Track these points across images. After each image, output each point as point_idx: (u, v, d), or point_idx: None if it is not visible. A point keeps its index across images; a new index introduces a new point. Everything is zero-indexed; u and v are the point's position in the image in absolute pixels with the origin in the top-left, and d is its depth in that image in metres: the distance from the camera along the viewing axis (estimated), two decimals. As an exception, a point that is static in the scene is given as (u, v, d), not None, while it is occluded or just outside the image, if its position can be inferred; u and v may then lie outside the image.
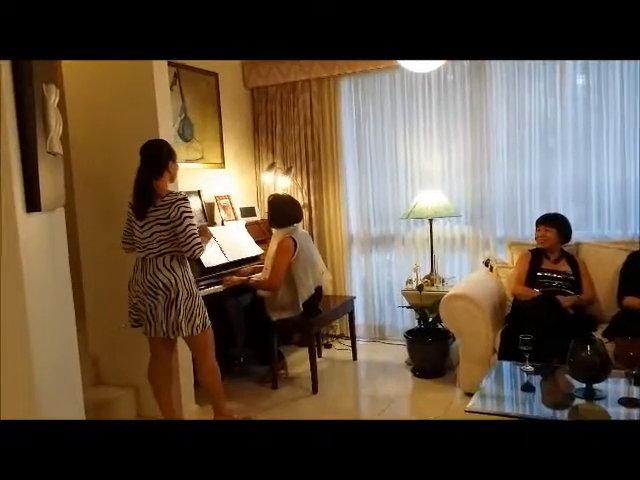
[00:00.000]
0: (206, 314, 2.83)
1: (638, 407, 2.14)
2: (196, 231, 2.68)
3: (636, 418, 2.12)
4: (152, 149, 2.76)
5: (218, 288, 3.62)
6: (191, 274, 2.82)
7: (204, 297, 3.51)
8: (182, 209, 2.66)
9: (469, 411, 2.24)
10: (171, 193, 2.72)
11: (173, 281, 2.69)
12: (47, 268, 1.63)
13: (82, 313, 3.43)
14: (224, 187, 4.41)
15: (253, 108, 4.81)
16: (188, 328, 2.72)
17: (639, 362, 2.18)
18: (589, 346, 2.21)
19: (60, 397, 1.70)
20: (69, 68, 3.22)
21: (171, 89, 3.91)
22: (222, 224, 4.14)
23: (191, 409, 3.28)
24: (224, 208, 4.23)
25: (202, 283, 3.60)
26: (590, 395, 2.24)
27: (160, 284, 2.67)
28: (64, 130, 3.22)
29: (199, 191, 4.10)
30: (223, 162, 4.47)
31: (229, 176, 4.53)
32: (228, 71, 4.54)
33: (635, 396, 2.18)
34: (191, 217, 2.69)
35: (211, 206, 4.22)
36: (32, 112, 1.42)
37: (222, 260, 3.81)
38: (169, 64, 3.77)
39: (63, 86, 3.23)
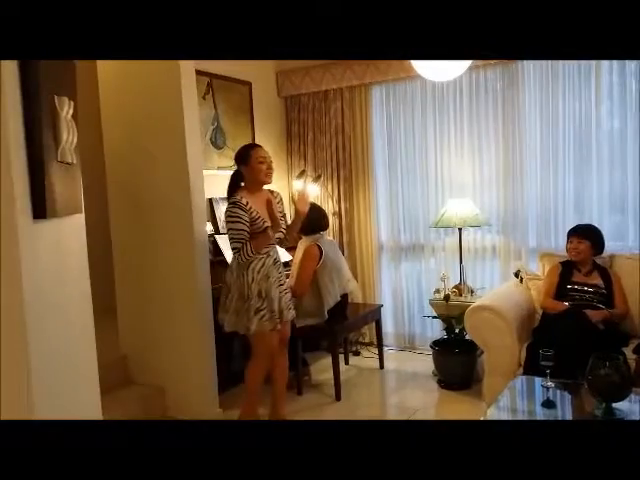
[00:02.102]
0: (259, 319, 2.86)
1: (660, 429, 2.04)
2: (236, 235, 2.81)
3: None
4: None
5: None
6: (251, 277, 2.86)
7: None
8: (226, 214, 2.85)
9: (480, 425, 2.19)
10: (229, 197, 2.91)
11: (229, 281, 2.94)
12: (57, 271, 1.71)
13: (114, 313, 3.56)
14: (256, 194, 4.48)
15: (286, 116, 4.87)
16: (235, 326, 2.91)
17: (662, 381, 2.09)
18: (608, 363, 2.13)
19: (71, 406, 1.78)
20: (102, 82, 3.38)
21: (204, 98, 4.03)
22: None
23: (215, 413, 3.33)
24: (254, 215, 4.29)
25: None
26: (609, 415, 2.15)
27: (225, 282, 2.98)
28: (99, 141, 3.39)
29: (230, 198, 4.19)
30: (255, 169, 4.53)
31: (261, 183, 4.59)
32: (262, 80, 4.62)
33: (656, 417, 2.09)
34: (233, 221, 2.81)
35: (241, 212, 4.30)
36: (39, 123, 1.50)
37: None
38: (202, 73, 3.89)
39: (99, 101, 3.40)
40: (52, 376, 1.67)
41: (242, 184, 2.98)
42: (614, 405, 2.16)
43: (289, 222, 3.18)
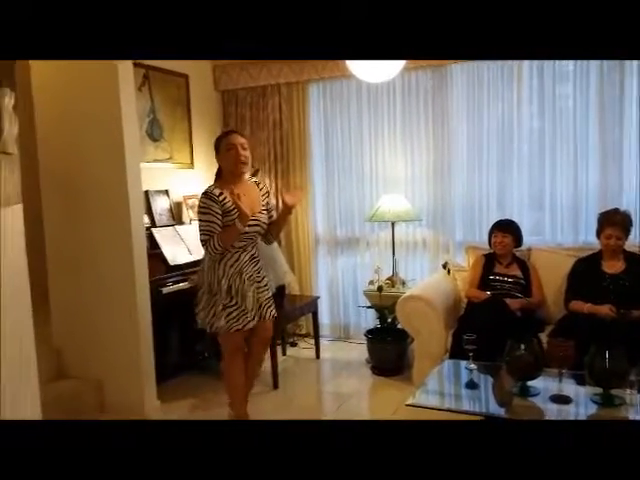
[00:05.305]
0: (225, 317, 2.74)
1: (567, 403, 2.28)
2: (205, 227, 2.68)
3: (565, 414, 2.26)
4: None
5: (184, 285, 3.73)
6: (222, 272, 2.75)
7: (170, 294, 3.63)
8: (198, 204, 2.77)
9: (410, 405, 2.35)
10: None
11: (200, 274, 2.87)
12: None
13: (47, 306, 3.49)
14: (193, 187, 4.48)
15: (223, 110, 4.90)
16: (203, 323, 2.84)
17: (569, 361, 2.32)
18: (523, 345, 2.34)
19: (11, 397, 1.77)
20: (36, 73, 3.29)
21: (140, 90, 3.99)
22: (190, 223, 4.22)
23: (153, 405, 3.35)
24: (192, 208, 4.30)
25: (169, 280, 3.69)
26: (524, 392, 2.37)
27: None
28: (33, 132, 3.30)
29: (167, 190, 4.18)
30: (192, 162, 4.54)
31: (198, 176, 4.60)
32: (199, 73, 4.62)
33: (565, 393, 2.32)
34: (202, 212, 2.70)
35: (179, 205, 4.30)
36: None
37: (188, 258, 3.89)
38: (138, 65, 3.85)
39: (31, 91, 3.30)
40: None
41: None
42: (529, 383, 2.38)
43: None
